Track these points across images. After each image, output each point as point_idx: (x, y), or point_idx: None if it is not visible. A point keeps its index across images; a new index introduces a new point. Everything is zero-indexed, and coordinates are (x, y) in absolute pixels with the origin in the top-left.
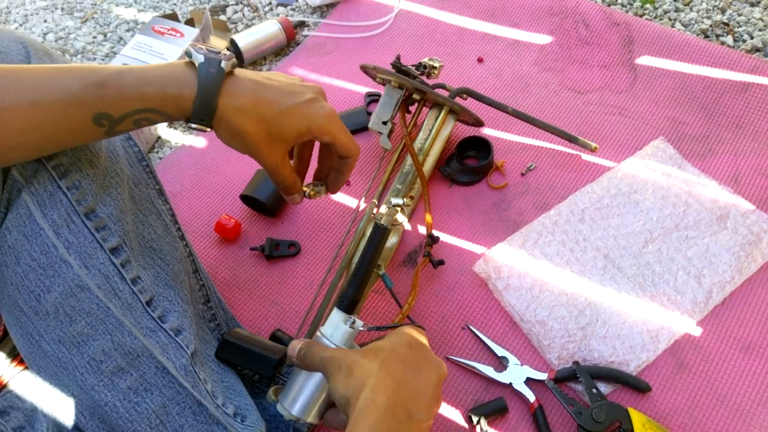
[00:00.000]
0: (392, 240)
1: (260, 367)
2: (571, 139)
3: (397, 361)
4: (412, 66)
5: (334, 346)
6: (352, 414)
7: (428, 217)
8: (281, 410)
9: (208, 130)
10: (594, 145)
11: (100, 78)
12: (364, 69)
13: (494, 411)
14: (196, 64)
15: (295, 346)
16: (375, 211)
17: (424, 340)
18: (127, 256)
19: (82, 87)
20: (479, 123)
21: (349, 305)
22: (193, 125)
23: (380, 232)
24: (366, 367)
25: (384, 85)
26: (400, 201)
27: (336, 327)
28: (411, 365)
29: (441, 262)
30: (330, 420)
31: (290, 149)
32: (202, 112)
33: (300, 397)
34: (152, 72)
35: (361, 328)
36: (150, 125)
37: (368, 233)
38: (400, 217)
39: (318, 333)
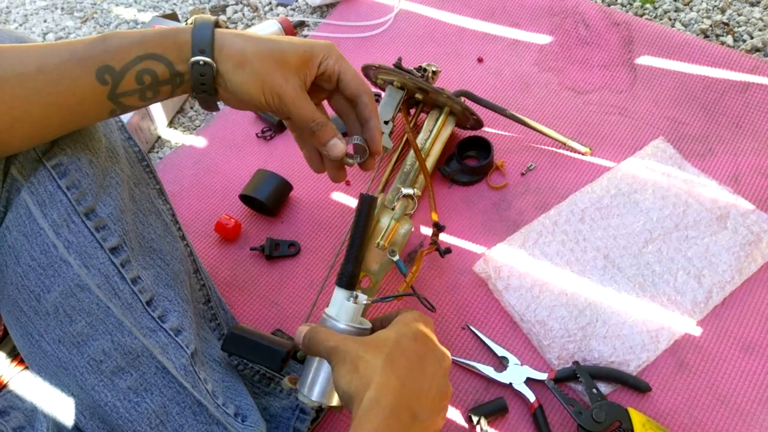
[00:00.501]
0: (405, 227)
1: (268, 359)
2: (563, 143)
3: (402, 356)
4: (413, 69)
5: (342, 326)
6: (355, 412)
7: (432, 205)
8: (302, 398)
9: (215, 70)
10: (585, 149)
11: (102, 35)
12: (366, 69)
13: (494, 411)
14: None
15: (301, 331)
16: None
17: (429, 329)
18: (127, 256)
19: (86, 45)
20: (479, 125)
21: (349, 281)
22: (197, 58)
23: (368, 202)
24: (370, 363)
25: (383, 90)
26: (410, 191)
27: (340, 305)
28: (416, 360)
29: (448, 251)
30: None
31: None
32: (202, 42)
33: (317, 382)
34: (156, 28)
35: (365, 302)
36: (152, 84)
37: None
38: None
39: (324, 315)
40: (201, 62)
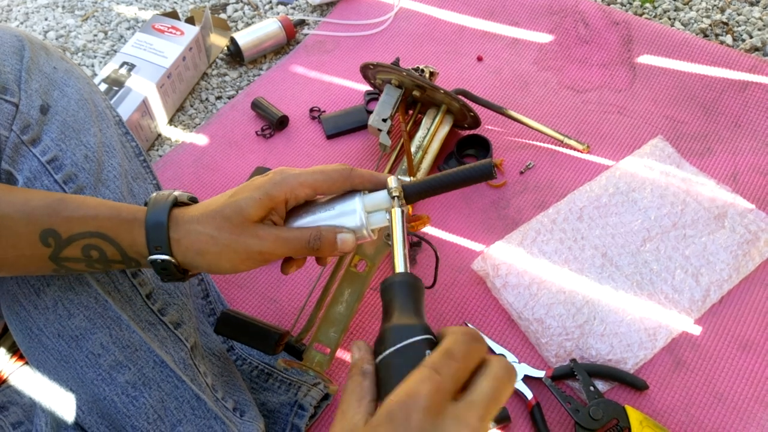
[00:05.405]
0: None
1: (261, 342)
2: (560, 140)
3: None
4: (411, 68)
5: (356, 223)
6: None
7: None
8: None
9: (176, 262)
10: (582, 146)
11: (62, 196)
12: (364, 70)
13: None
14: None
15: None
16: None
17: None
18: None
19: (41, 201)
20: (476, 123)
21: (411, 196)
22: (155, 257)
23: (488, 168)
24: None
25: (380, 90)
26: (407, 179)
27: (377, 209)
28: None
29: (418, 244)
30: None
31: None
32: (157, 239)
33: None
34: (116, 203)
35: (385, 223)
36: (100, 259)
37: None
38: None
39: (357, 198)
40: (159, 260)
